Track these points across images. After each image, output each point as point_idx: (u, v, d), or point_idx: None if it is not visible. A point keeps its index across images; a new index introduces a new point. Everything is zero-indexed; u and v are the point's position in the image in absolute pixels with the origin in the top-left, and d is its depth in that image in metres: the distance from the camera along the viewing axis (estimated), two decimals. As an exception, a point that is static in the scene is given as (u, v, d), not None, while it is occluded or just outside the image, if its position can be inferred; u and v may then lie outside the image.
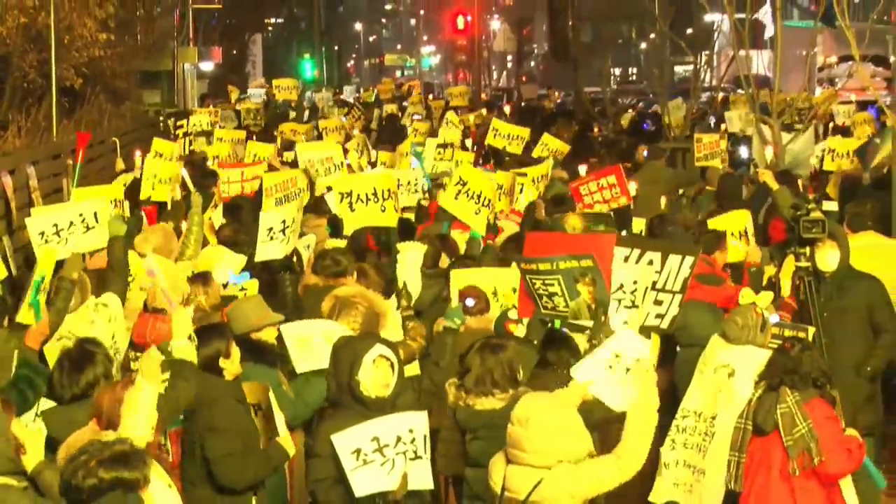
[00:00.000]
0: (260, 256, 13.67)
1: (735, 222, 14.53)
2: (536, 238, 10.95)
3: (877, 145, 20.70)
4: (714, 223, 14.52)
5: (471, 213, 14.79)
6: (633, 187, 18.51)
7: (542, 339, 10.05)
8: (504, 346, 9.22)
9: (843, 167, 20.62)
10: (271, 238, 13.72)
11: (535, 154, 23.42)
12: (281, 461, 9.42)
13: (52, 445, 8.37)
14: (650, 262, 10.68)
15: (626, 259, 10.32)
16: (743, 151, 24.91)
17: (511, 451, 7.68)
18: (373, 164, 23.45)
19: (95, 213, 13.16)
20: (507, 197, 17.21)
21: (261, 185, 17.06)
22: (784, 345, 10.02)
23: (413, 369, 10.34)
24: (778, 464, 9.50)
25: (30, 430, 8.18)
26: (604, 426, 9.46)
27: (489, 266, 12.76)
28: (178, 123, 29.77)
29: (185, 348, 9.13)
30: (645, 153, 24.57)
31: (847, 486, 9.73)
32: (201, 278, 11.87)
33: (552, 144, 24.02)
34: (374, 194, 14.18)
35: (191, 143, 26.94)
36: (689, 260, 10.30)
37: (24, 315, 10.63)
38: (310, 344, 10.21)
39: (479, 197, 14.53)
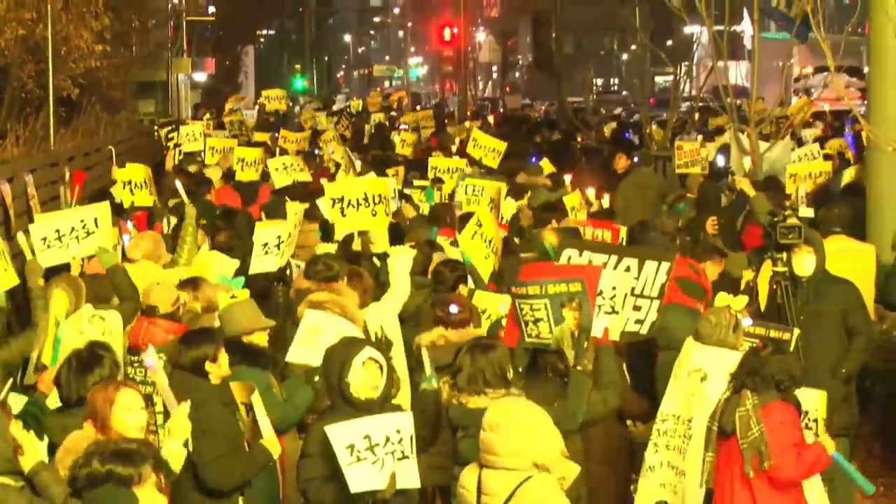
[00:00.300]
0: (255, 269, 13.76)
1: None
2: (532, 267, 10.98)
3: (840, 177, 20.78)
4: None
5: (482, 256, 14.63)
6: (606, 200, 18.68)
7: (527, 365, 10.05)
8: (494, 345, 9.28)
9: (818, 182, 20.68)
10: (266, 252, 13.79)
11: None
12: (265, 462, 9.43)
13: (51, 450, 8.42)
14: (627, 269, 10.75)
15: (605, 265, 10.36)
16: (720, 160, 24.92)
17: (485, 456, 7.68)
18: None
19: (96, 219, 13.24)
20: (495, 209, 17.22)
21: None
22: (757, 345, 10.04)
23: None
24: (739, 465, 9.52)
25: (28, 432, 8.19)
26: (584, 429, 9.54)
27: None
28: (170, 135, 29.72)
29: (178, 453, 8.71)
30: (636, 159, 24.51)
31: (814, 490, 9.73)
32: (190, 283, 11.92)
33: (546, 168, 24.04)
34: (366, 199, 14.18)
35: (181, 154, 26.90)
36: (665, 266, 10.34)
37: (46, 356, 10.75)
38: (316, 337, 10.22)
39: (490, 242, 14.38)
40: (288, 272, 14.21)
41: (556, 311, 9.78)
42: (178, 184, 16.62)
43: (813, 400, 10.35)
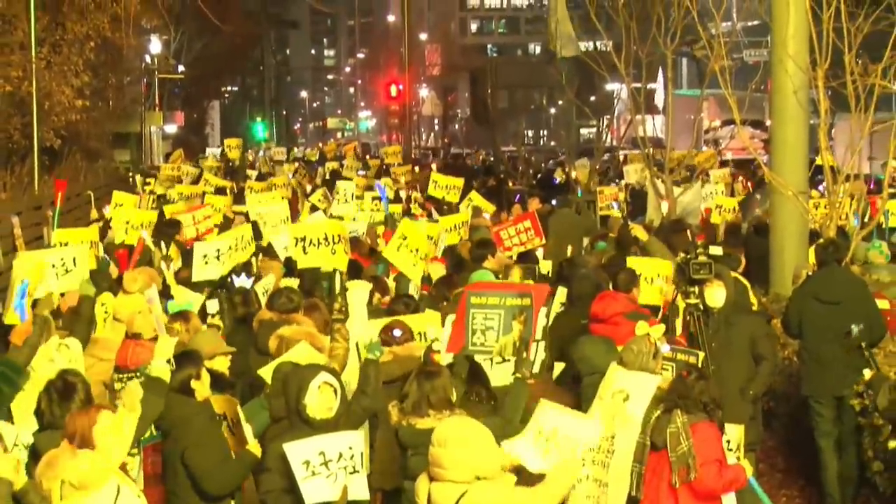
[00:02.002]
0: (196, 277, 13.85)
1: (652, 267, 14.47)
2: (484, 284, 11.02)
3: (756, 199, 20.90)
4: (631, 263, 14.44)
5: (409, 264, 14.87)
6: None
7: (467, 373, 10.07)
8: (438, 372, 9.26)
9: (728, 219, 20.81)
10: (206, 262, 13.80)
11: (462, 208, 23.39)
12: (253, 464, 9.37)
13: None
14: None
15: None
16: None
17: (433, 469, 7.68)
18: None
19: (74, 258, 13.20)
20: (433, 245, 17.28)
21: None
22: (682, 373, 10.07)
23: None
24: (666, 476, 9.54)
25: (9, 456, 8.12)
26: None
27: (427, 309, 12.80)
28: (147, 180, 29.67)
29: (162, 369, 9.18)
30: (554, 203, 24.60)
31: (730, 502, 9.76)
32: (182, 316, 11.88)
33: (476, 201, 24.12)
34: (326, 239, 14.17)
35: (154, 201, 26.84)
36: (557, 297, 10.32)
37: (10, 317, 10.62)
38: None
39: (416, 251, 14.56)
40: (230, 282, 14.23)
41: (508, 321, 9.86)
42: (145, 233, 16.60)
43: (734, 432, 10.44)
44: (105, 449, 8.07)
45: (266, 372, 10.36)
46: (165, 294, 14.00)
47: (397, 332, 11.28)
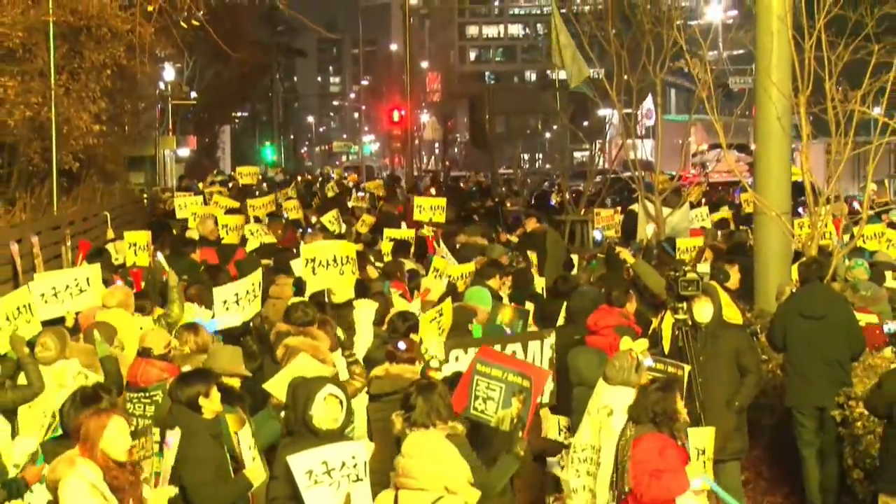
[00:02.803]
0: (220, 325, 13.57)
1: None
2: (492, 351, 11.02)
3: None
4: None
5: (434, 335, 14.36)
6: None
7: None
8: (435, 385, 9.25)
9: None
10: (227, 308, 13.68)
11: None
12: (246, 489, 9.37)
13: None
14: (514, 353, 10.87)
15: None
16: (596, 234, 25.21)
17: (401, 479, 7.69)
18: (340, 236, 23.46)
19: (88, 279, 13.24)
20: (438, 276, 17.13)
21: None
22: (647, 384, 10.05)
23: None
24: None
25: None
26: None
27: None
28: (164, 197, 29.81)
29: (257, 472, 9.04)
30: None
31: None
32: (192, 329, 11.89)
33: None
34: (335, 260, 14.15)
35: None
36: (549, 341, 10.35)
37: None
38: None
39: (443, 330, 14.08)
40: (256, 323, 14.07)
41: (508, 397, 9.86)
42: (160, 256, 16.60)
43: (700, 437, 10.41)
44: (108, 453, 8.08)
45: (271, 385, 10.36)
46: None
47: (401, 345, 11.26)
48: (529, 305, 14.46)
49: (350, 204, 32.49)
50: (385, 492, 7.84)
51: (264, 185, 43.04)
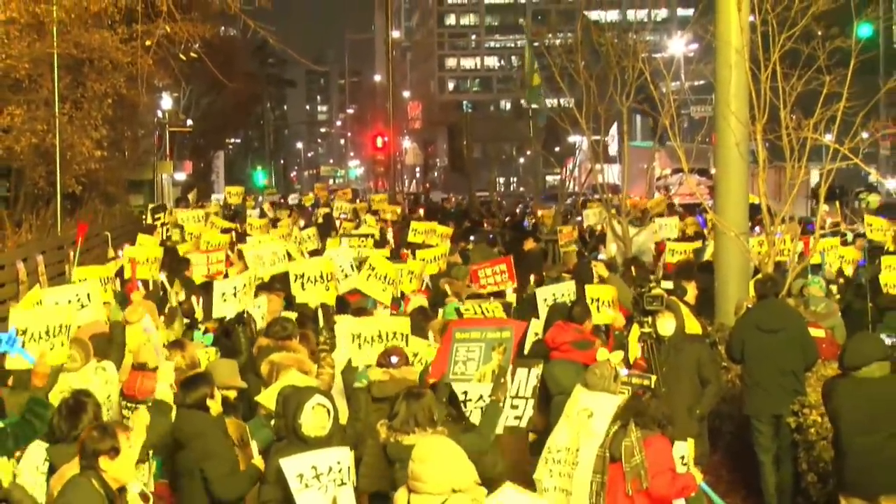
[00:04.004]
0: (217, 313, 13.72)
1: (606, 293, 14.63)
2: (468, 320, 11.07)
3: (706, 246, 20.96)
4: (590, 290, 14.57)
5: (379, 290, 15.02)
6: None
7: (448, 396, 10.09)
8: (423, 393, 9.26)
9: (679, 259, 20.87)
10: (225, 300, 13.73)
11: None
12: (258, 477, 9.37)
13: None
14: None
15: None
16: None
17: (412, 482, 7.65)
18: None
19: (89, 294, 13.22)
20: (417, 280, 17.34)
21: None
22: (637, 392, 10.10)
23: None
24: (622, 485, 9.54)
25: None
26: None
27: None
28: (157, 216, 29.66)
29: (166, 392, 9.24)
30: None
31: (680, 505, 9.78)
32: (179, 345, 11.86)
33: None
34: (321, 276, 14.28)
35: (167, 231, 26.78)
36: (535, 371, 10.36)
37: (13, 362, 10.59)
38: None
39: (384, 277, 14.66)
40: (246, 315, 14.13)
41: (488, 353, 9.92)
42: (162, 275, 16.57)
43: (684, 447, 10.44)
44: (112, 469, 8.03)
45: (263, 398, 10.36)
46: (192, 326, 14.24)
47: (394, 359, 11.30)
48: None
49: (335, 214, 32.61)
50: (400, 492, 7.85)
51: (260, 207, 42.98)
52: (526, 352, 12.73)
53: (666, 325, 12.49)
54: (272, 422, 9.78)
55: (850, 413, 10.32)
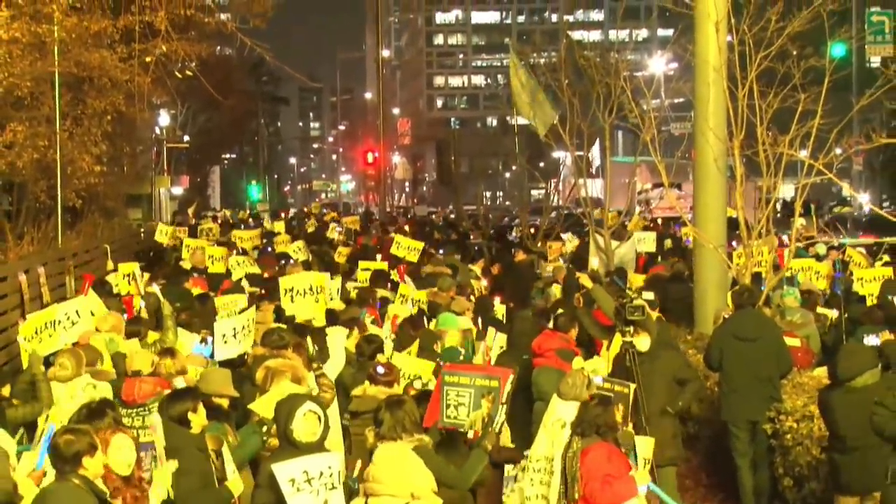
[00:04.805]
0: (219, 357, 13.40)
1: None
2: (457, 365, 11.07)
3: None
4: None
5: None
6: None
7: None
8: (404, 401, 9.25)
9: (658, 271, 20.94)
10: (225, 342, 13.59)
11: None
12: (228, 499, 9.31)
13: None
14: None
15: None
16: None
17: (370, 485, 7.66)
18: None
19: (77, 311, 13.23)
20: (404, 302, 17.20)
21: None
22: (588, 399, 10.08)
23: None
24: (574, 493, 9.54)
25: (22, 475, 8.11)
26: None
27: None
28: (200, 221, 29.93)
29: (160, 495, 8.77)
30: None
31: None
32: (170, 353, 11.86)
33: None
34: (311, 289, 14.24)
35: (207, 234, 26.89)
36: (509, 377, 10.36)
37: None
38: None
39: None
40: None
41: (477, 399, 9.91)
42: (156, 286, 16.51)
43: (644, 445, 10.44)
44: (112, 466, 8.00)
45: (256, 406, 10.32)
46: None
47: (381, 370, 11.29)
48: (491, 331, 14.44)
49: (329, 235, 32.60)
50: (356, 499, 7.80)
51: (251, 219, 43.10)
52: (493, 362, 12.80)
53: (641, 343, 12.56)
54: (264, 428, 9.75)
55: (847, 420, 10.53)
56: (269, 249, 27.57)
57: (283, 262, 22.79)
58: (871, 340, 14.05)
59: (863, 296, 18.03)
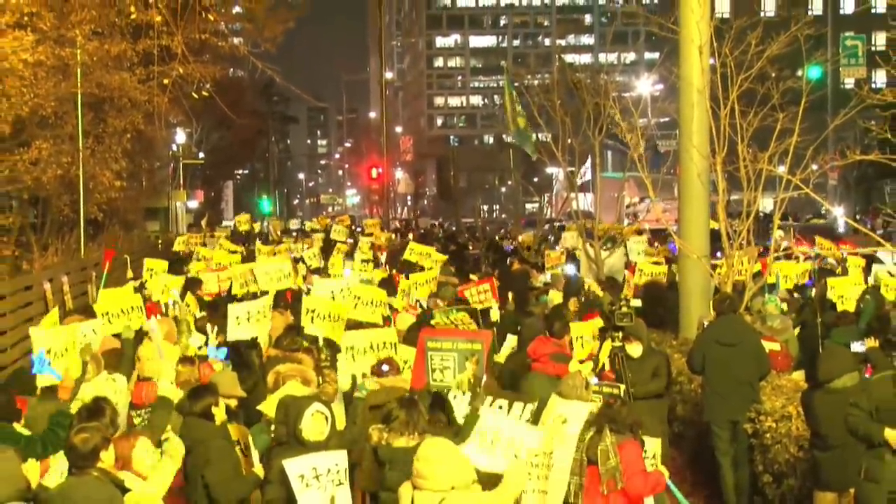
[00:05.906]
0: (231, 337, 13.52)
1: (588, 329, 14.49)
2: (436, 330, 11.06)
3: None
4: (574, 328, 14.33)
5: (368, 313, 14.97)
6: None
7: (429, 404, 10.05)
8: (418, 402, 9.27)
9: (647, 280, 20.91)
10: (238, 324, 13.63)
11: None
12: (257, 483, 9.33)
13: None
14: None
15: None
16: (570, 269, 25.14)
17: (416, 479, 7.69)
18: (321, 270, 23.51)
19: (93, 329, 13.06)
20: (406, 297, 17.32)
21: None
22: (608, 401, 10.12)
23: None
24: (599, 486, 9.55)
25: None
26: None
27: None
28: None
29: (169, 389, 9.29)
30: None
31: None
32: (188, 360, 11.88)
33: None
34: (330, 316, 14.17)
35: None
36: (490, 339, 10.24)
37: (43, 380, 10.57)
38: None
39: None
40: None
41: (462, 362, 9.88)
42: (176, 292, 16.48)
43: (653, 445, 10.47)
44: (137, 468, 8.02)
45: (265, 406, 10.34)
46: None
47: (385, 367, 11.33)
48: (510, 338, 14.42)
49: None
50: (406, 484, 7.86)
51: (278, 233, 42.96)
52: (503, 363, 12.80)
53: (633, 350, 12.61)
54: (272, 427, 9.78)
55: (827, 420, 10.53)
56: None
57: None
58: (857, 347, 14.06)
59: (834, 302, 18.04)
